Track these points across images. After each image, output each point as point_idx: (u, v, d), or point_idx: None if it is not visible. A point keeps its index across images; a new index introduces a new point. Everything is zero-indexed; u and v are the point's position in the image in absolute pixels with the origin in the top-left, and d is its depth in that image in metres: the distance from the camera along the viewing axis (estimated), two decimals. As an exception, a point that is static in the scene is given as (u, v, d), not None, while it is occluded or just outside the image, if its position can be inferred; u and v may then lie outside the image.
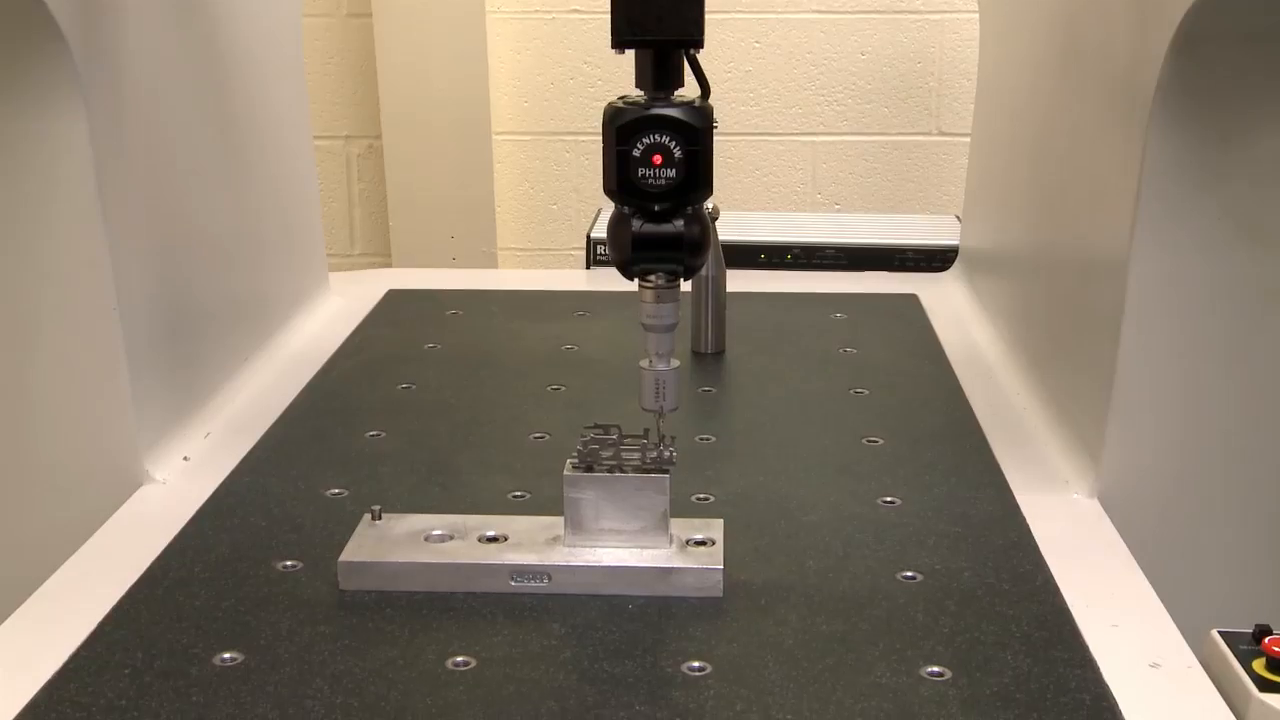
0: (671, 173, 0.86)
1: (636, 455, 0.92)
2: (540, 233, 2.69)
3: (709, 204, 1.36)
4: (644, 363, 0.92)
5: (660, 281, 0.90)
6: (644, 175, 0.86)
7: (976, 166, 1.66)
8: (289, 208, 1.49)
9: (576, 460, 0.92)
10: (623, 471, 0.91)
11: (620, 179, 0.86)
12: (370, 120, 2.62)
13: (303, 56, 1.54)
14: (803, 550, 0.96)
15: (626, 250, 0.88)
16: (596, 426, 0.93)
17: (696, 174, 0.86)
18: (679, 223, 0.87)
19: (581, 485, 0.91)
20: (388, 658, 0.83)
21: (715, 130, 0.88)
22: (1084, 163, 1.18)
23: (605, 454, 0.92)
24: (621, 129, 0.85)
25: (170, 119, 1.18)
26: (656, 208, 0.87)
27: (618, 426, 0.92)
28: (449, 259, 2.59)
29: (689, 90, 0.89)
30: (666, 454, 0.92)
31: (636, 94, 0.87)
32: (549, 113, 2.61)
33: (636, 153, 0.86)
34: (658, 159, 0.85)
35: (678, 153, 0.85)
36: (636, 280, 0.91)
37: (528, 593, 0.90)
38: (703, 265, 0.92)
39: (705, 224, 0.90)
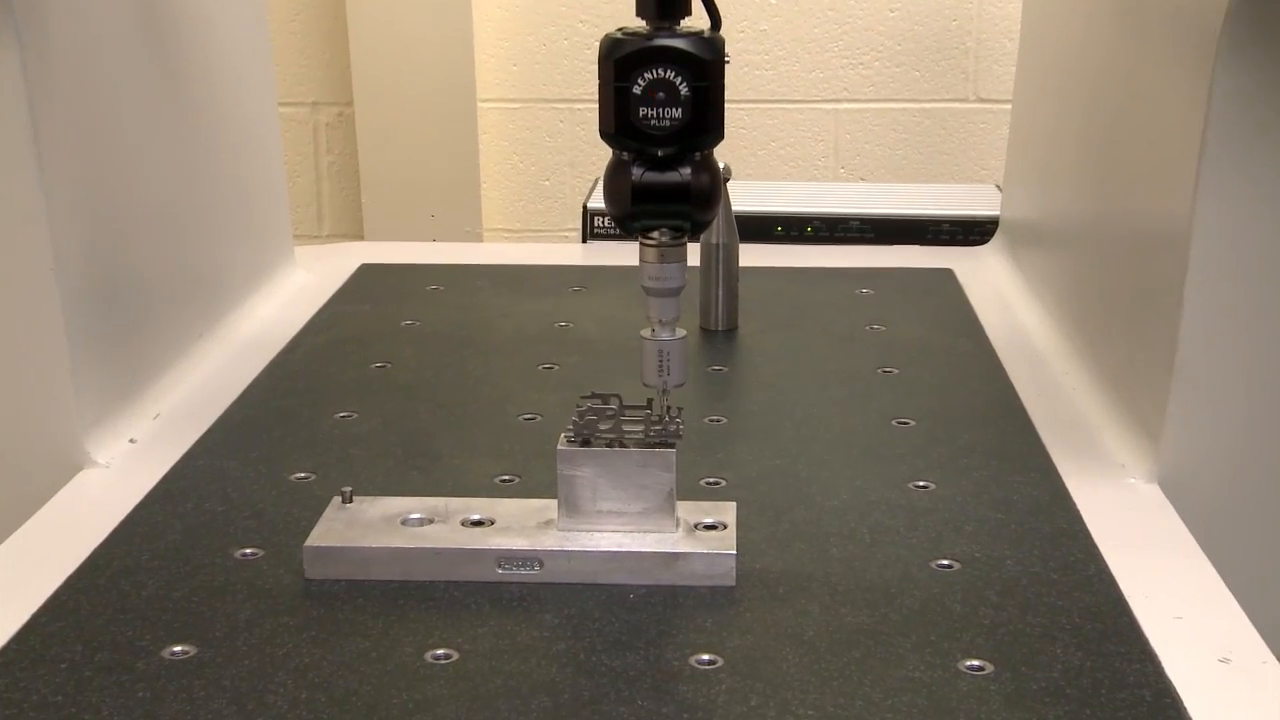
0: (677, 113, 0.85)
1: (639, 428, 0.91)
2: (531, 212, 2.69)
3: (720, 164, 1.39)
4: (645, 332, 0.91)
5: (664, 238, 0.89)
6: (646, 115, 0.85)
7: (1020, 127, 1.66)
8: (249, 174, 1.50)
9: (572, 433, 0.92)
10: (624, 446, 0.91)
11: (618, 120, 0.85)
12: (340, 85, 2.62)
13: (264, 12, 1.54)
14: (825, 537, 0.96)
15: (625, 202, 0.87)
16: (594, 396, 0.92)
17: (705, 114, 0.85)
18: (685, 170, 0.87)
19: (577, 461, 0.91)
20: (359, 650, 0.83)
21: (727, 62, 0.87)
22: (1142, 115, 1.18)
23: (604, 427, 0.91)
24: (620, 62, 0.85)
25: (115, 70, 1.18)
26: (660, 153, 0.86)
27: (618, 396, 0.92)
28: (429, 240, 2.59)
29: (697, 21, 0.88)
30: (673, 426, 0.91)
31: (638, 24, 0.87)
32: (541, 77, 2.61)
33: (637, 89, 0.85)
34: (661, 97, 0.85)
35: (684, 90, 0.85)
36: (637, 238, 0.91)
37: (517, 581, 0.90)
38: (712, 220, 0.91)
39: (715, 172, 0.89)
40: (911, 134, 2.60)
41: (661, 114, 0.85)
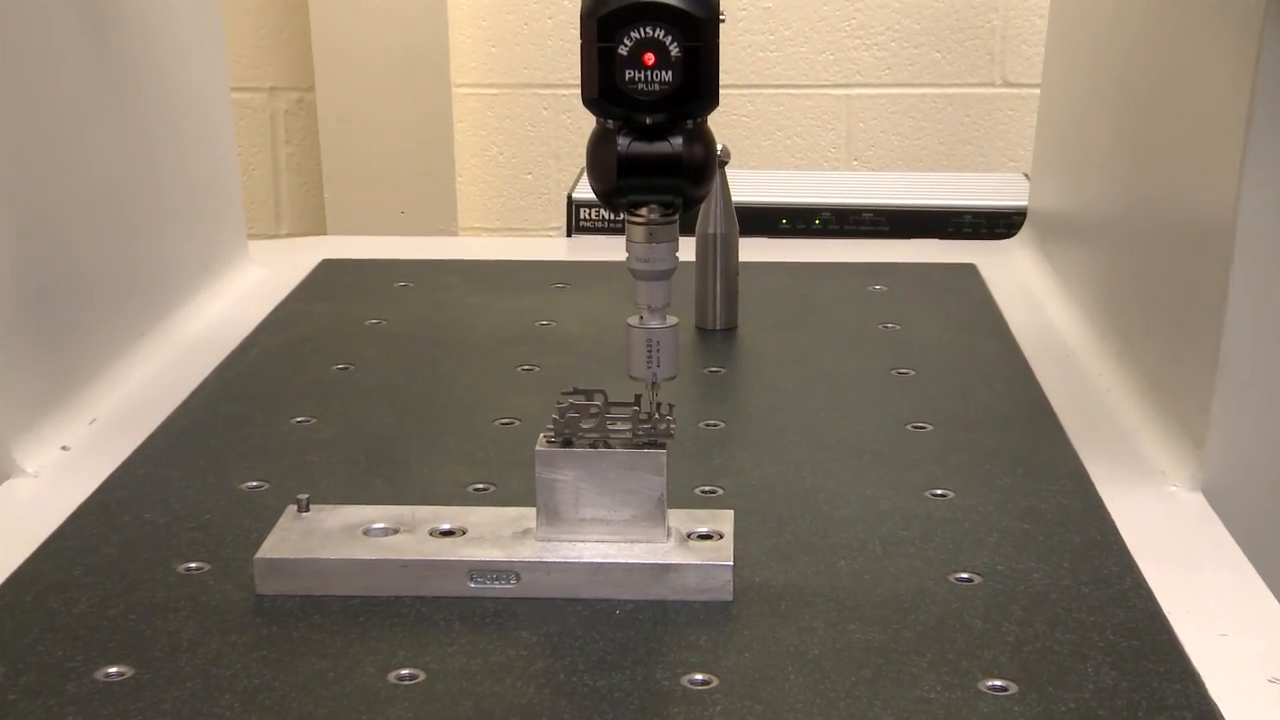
0: (667, 76, 0.85)
1: (626, 427, 0.91)
2: (511, 208, 2.70)
3: (718, 145, 1.40)
4: (633, 320, 0.91)
5: (653, 215, 0.89)
6: (632, 79, 0.85)
7: (1049, 109, 1.67)
8: (198, 162, 1.51)
9: (552, 433, 0.92)
10: (609, 447, 0.91)
11: (603, 84, 0.85)
12: (300, 69, 2.62)
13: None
14: (832, 549, 0.96)
15: (611, 175, 0.87)
16: (577, 392, 0.92)
17: (698, 78, 0.85)
18: (676, 140, 0.87)
19: (558, 463, 0.91)
20: (315, 670, 0.83)
21: (722, 21, 0.87)
22: (1181, 95, 1.18)
23: (587, 426, 0.91)
24: (604, 20, 0.85)
25: (48, 47, 1.18)
26: (649, 121, 0.86)
27: (602, 392, 0.92)
28: (398, 239, 2.60)
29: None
30: (663, 425, 0.91)
31: None
32: (522, 60, 2.62)
33: (623, 50, 0.85)
34: (650, 58, 0.85)
35: (675, 50, 0.85)
36: (624, 216, 0.91)
37: (491, 596, 0.90)
38: (705, 195, 0.91)
39: (710, 143, 0.89)
40: (931, 122, 2.61)
41: (650, 77, 0.85)
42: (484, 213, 2.70)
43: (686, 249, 1.39)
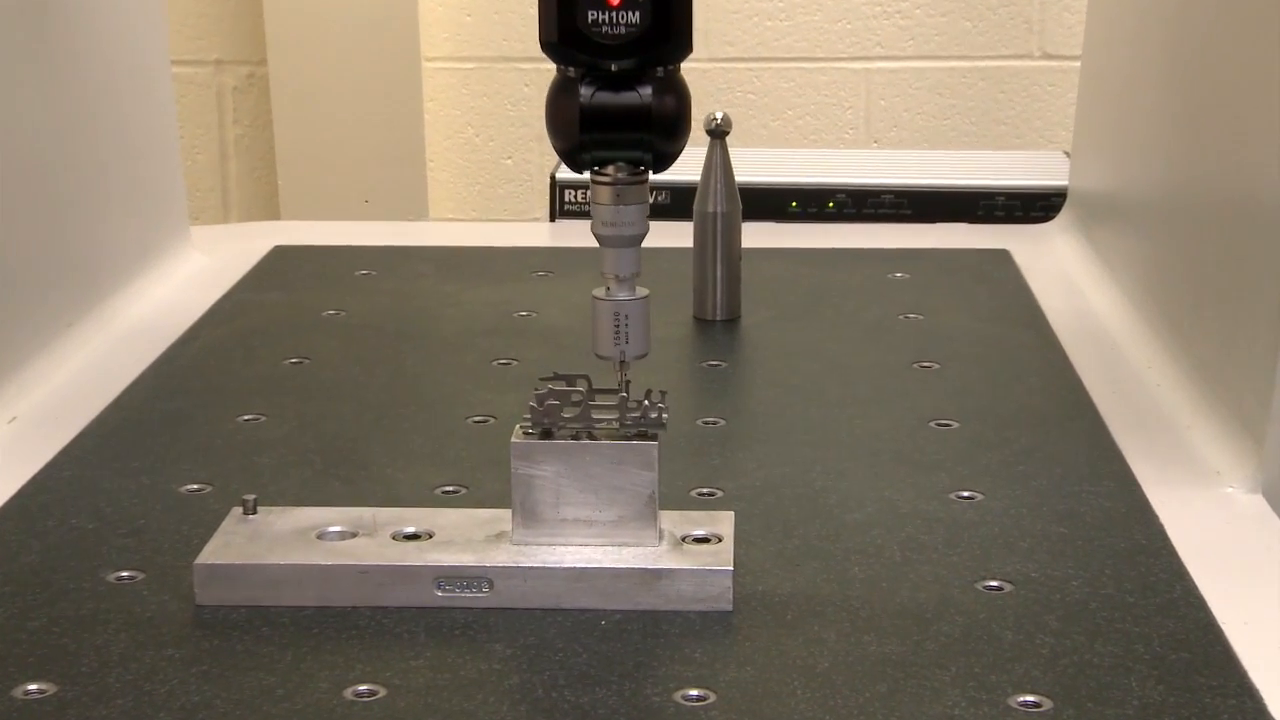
0: (634, 17, 0.85)
1: (613, 416, 0.91)
2: (489, 197, 2.70)
3: (719, 114, 1.41)
4: (599, 291, 0.92)
5: (620, 174, 0.90)
6: (596, 21, 0.85)
7: (1091, 79, 1.67)
8: (134, 138, 1.51)
9: (529, 423, 0.92)
10: (593, 438, 0.91)
11: (562, 26, 0.86)
12: (251, 41, 2.63)
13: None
14: (845, 555, 0.97)
15: (573, 129, 0.88)
16: (557, 377, 0.92)
17: (669, 19, 0.86)
18: (645, 90, 0.87)
19: (536, 457, 0.91)
20: (262, 686, 0.83)
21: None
22: (1236, 62, 1.19)
23: (569, 415, 0.91)
24: None
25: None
26: (614, 67, 0.87)
27: (586, 377, 0.92)
28: (361, 231, 2.61)
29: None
30: (654, 414, 0.91)
31: None
32: (501, 30, 2.63)
33: None
34: None
35: None
36: (588, 175, 0.91)
37: (461, 606, 0.90)
38: (678, 152, 0.91)
39: (683, 94, 0.89)
40: (961, 99, 2.62)
41: (615, 19, 0.85)
42: (458, 202, 2.70)
43: (684, 232, 1.41)
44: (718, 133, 1.38)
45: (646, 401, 0.92)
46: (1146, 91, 1.44)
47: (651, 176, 0.91)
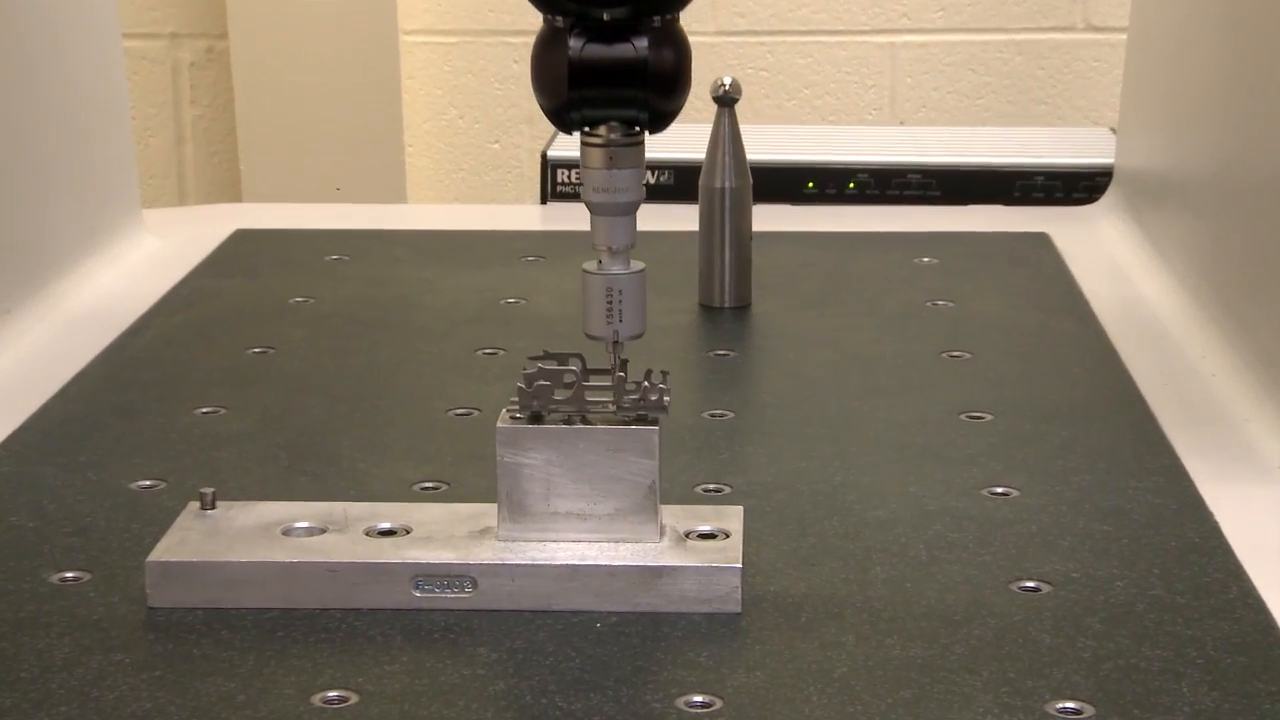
0: None
1: (609, 398, 0.92)
2: (474, 185, 2.71)
3: (726, 79, 1.41)
4: (589, 265, 0.92)
5: (614, 135, 0.90)
6: None
7: (1139, 49, 1.68)
8: (81, 114, 1.52)
9: (517, 406, 0.92)
10: (588, 423, 0.91)
11: None
12: (210, 11, 2.64)
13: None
14: (865, 554, 0.97)
15: (561, 85, 0.88)
16: (548, 356, 0.93)
17: None
18: (640, 42, 0.88)
19: (525, 443, 0.91)
20: (221, 693, 0.83)
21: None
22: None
23: (561, 397, 0.92)
24: None
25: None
26: (606, 17, 0.87)
27: (579, 356, 0.93)
28: (333, 221, 2.61)
29: None
30: (655, 396, 0.91)
31: None
32: (486, 1, 2.63)
33: None
34: None
35: None
36: (578, 136, 0.91)
37: (441, 608, 0.90)
38: (676, 111, 0.91)
39: (682, 47, 0.90)
40: (997, 76, 2.62)
41: None
42: (439, 189, 2.71)
43: (690, 215, 1.41)
44: (726, 100, 1.39)
45: (646, 383, 0.92)
46: (1199, 62, 1.45)
47: (648, 137, 0.91)
